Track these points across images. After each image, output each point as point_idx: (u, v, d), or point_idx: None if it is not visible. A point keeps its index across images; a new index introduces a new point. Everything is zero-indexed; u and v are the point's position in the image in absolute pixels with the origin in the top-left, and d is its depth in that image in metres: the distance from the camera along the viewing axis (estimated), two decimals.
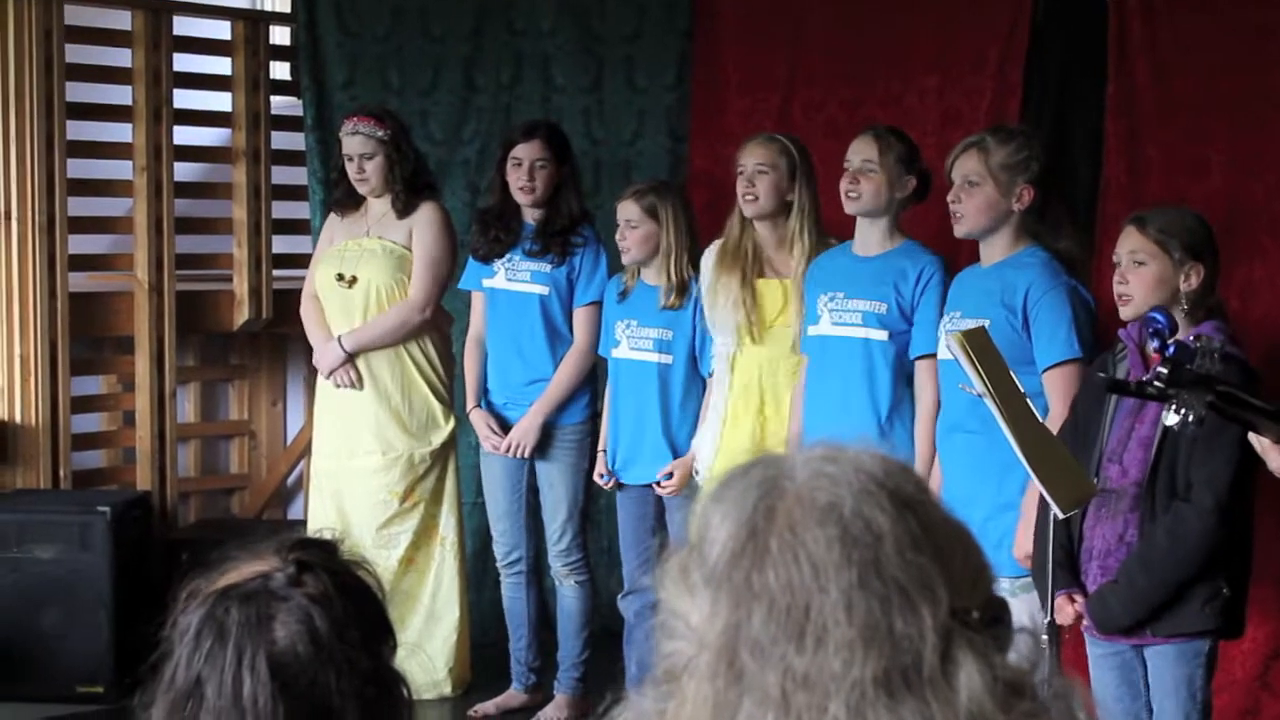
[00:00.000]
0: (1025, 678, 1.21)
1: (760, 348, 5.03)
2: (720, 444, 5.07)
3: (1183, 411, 2.47)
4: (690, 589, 1.25)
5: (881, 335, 4.68)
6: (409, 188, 5.63)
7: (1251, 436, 3.15)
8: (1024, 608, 4.06)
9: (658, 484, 5.27)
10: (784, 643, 1.18)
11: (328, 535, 1.86)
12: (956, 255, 4.79)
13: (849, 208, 4.74)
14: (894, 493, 1.23)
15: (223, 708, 1.69)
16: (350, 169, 5.62)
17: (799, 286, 4.93)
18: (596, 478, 5.45)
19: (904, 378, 4.70)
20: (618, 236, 5.32)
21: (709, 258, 5.14)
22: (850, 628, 1.17)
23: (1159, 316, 2.72)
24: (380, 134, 5.59)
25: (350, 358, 5.63)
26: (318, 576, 1.75)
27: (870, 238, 4.78)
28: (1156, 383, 2.49)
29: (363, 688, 1.73)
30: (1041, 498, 3.87)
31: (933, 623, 1.18)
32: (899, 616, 1.18)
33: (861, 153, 4.72)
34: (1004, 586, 4.06)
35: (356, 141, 5.59)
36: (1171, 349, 2.50)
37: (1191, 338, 2.54)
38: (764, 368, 5.02)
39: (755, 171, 5.01)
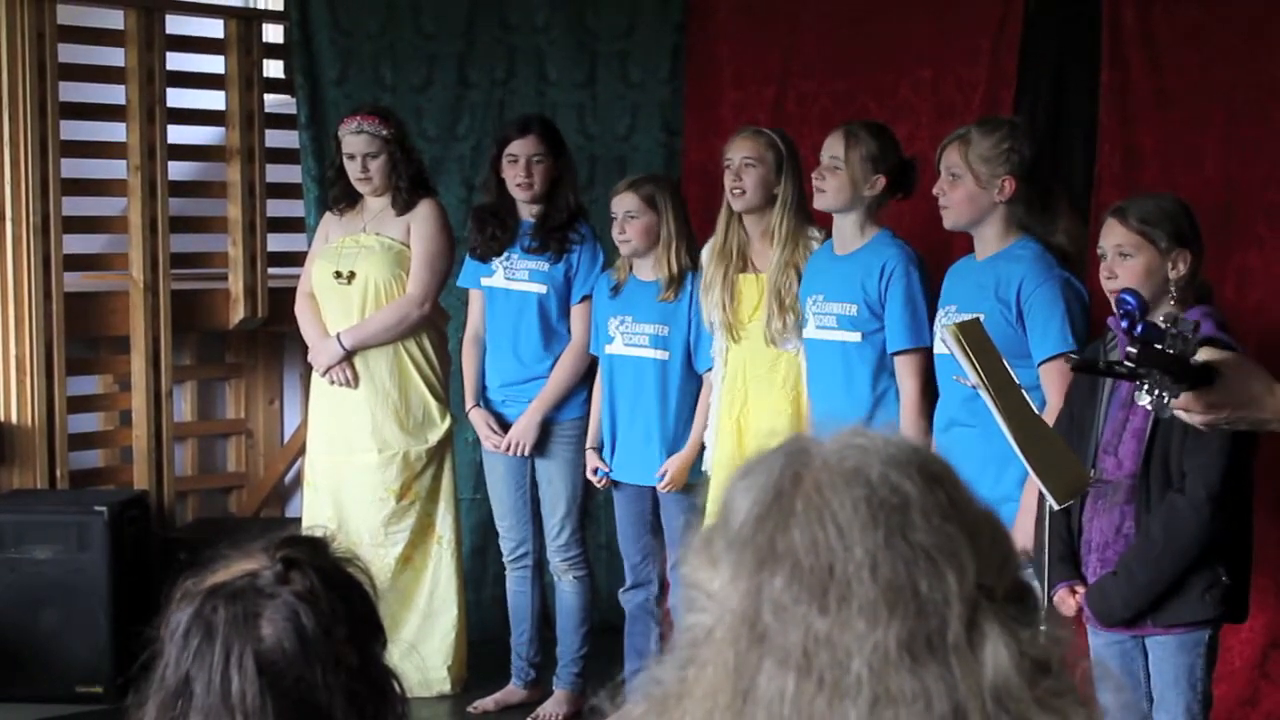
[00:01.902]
0: (1052, 655, 1.20)
1: (739, 345, 5.04)
2: (715, 441, 5.09)
3: (1155, 392, 2.45)
4: (713, 559, 1.23)
5: (854, 337, 4.69)
6: (411, 186, 5.63)
7: None
8: None
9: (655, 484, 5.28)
10: (806, 603, 1.17)
11: (319, 533, 1.86)
12: (950, 247, 4.79)
13: (815, 203, 4.78)
14: (923, 467, 1.22)
15: (212, 705, 1.69)
16: (352, 168, 5.60)
17: (773, 280, 4.93)
18: (590, 474, 5.45)
19: (884, 374, 4.69)
20: (615, 229, 5.30)
21: (708, 254, 5.14)
22: (874, 588, 1.16)
23: (1129, 298, 2.71)
24: (385, 133, 5.59)
25: (349, 355, 5.62)
26: (305, 574, 1.75)
27: (845, 234, 4.78)
28: (1126, 363, 2.48)
29: (350, 683, 1.73)
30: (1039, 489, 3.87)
31: (958, 590, 1.17)
32: (924, 580, 1.17)
33: (830, 149, 4.74)
34: None
35: (361, 140, 5.58)
36: (1140, 329, 2.49)
37: (1162, 318, 2.53)
38: (744, 365, 5.03)
39: (742, 165, 5.00)
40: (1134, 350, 2.47)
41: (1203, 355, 2.48)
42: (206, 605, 1.74)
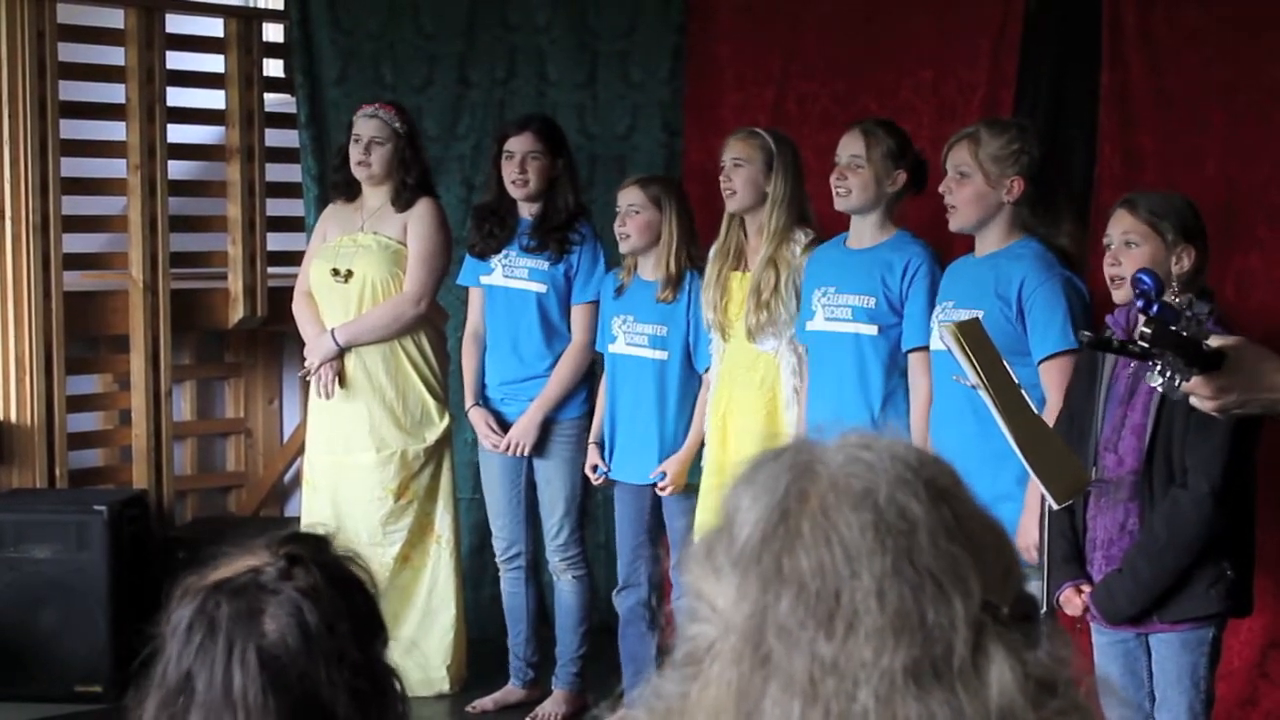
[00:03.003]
0: (1057, 675, 1.19)
1: (729, 344, 5.06)
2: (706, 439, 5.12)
3: (1167, 373, 2.43)
4: (716, 571, 1.22)
5: (871, 330, 4.69)
6: (417, 185, 5.64)
7: None
8: None
9: (655, 485, 5.28)
10: (813, 628, 1.16)
11: (321, 530, 1.85)
12: (950, 244, 4.79)
13: (838, 205, 4.76)
14: (929, 482, 1.21)
15: (213, 701, 1.69)
16: (355, 151, 5.61)
17: (755, 275, 4.94)
18: (589, 471, 5.45)
19: (897, 370, 4.70)
20: (617, 224, 5.31)
21: (712, 254, 5.16)
22: (881, 616, 1.16)
23: (1145, 277, 2.68)
24: (397, 125, 5.62)
25: (342, 351, 5.62)
26: (308, 570, 1.74)
27: (863, 231, 4.79)
28: (1140, 342, 2.46)
29: (353, 680, 1.72)
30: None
31: (964, 614, 1.16)
32: (931, 606, 1.16)
33: (849, 148, 4.74)
34: None
35: (373, 124, 5.60)
36: (1156, 308, 2.48)
37: (1179, 301, 2.51)
38: (730, 365, 5.05)
39: (732, 166, 5.03)
40: (1148, 330, 2.45)
41: (1213, 340, 2.47)
42: (209, 601, 1.73)
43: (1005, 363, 3.82)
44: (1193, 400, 2.53)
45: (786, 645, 1.17)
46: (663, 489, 5.24)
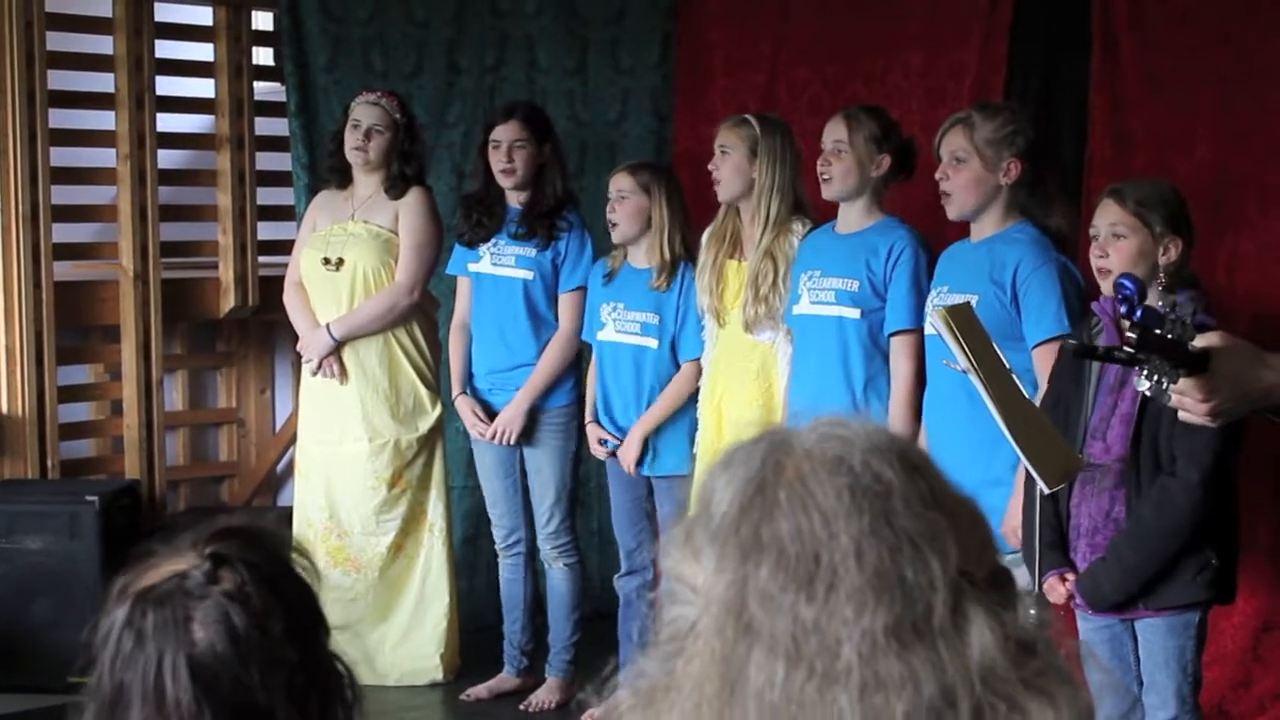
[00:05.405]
0: (1036, 636, 1.21)
1: (724, 331, 5.06)
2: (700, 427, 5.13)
3: (1154, 377, 2.43)
4: (695, 552, 1.24)
5: (854, 313, 4.69)
6: (416, 177, 5.64)
7: None
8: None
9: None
10: (794, 592, 1.18)
11: (247, 520, 1.79)
12: (944, 230, 4.78)
13: (824, 192, 4.78)
14: (902, 454, 1.23)
15: (148, 715, 1.66)
16: (353, 136, 5.61)
17: (752, 267, 4.94)
18: (597, 445, 5.41)
19: (879, 355, 4.70)
20: (608, 210, 5.30)
21: (706, 239, 5.16)
22: (860, 575, 1.17)
23: (1127, 282, 2.68)
24: (398, 115, 5.62)
25: (339, 345, 5.61)
26: (235, 570, 1.68)
27: (850, 215, 4.80)
28: (1125, 348, 2.46)
29: (290, 679, 1.66)
30: (1027, 474, 3.87)
31: (943, 575, 1.18)
32: (909, 566, 1.18)
33: (832, 134, 4.74)
34: None
35: (375, 112, 5.61)
36: (1140, 314, 2.48)
37: (1161, 304, 2.52)
38: (725, 352, 5.05)
39: (719, 154, 5.05)
40: (1133, 336, 2.45)
41: (1199, 340, 2.47)
42: (135, 611, 1.70)
43: (996, 347, 3.82)
44: (1184, 415, 2.52)
45: (768, 611, 1.18)
46: (620, 454, 5.28)
